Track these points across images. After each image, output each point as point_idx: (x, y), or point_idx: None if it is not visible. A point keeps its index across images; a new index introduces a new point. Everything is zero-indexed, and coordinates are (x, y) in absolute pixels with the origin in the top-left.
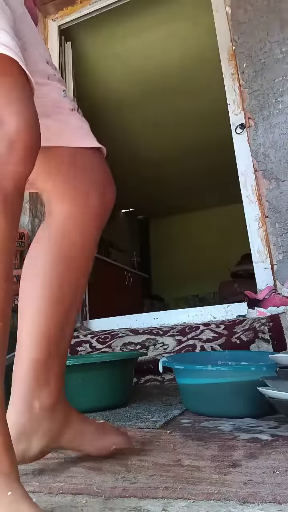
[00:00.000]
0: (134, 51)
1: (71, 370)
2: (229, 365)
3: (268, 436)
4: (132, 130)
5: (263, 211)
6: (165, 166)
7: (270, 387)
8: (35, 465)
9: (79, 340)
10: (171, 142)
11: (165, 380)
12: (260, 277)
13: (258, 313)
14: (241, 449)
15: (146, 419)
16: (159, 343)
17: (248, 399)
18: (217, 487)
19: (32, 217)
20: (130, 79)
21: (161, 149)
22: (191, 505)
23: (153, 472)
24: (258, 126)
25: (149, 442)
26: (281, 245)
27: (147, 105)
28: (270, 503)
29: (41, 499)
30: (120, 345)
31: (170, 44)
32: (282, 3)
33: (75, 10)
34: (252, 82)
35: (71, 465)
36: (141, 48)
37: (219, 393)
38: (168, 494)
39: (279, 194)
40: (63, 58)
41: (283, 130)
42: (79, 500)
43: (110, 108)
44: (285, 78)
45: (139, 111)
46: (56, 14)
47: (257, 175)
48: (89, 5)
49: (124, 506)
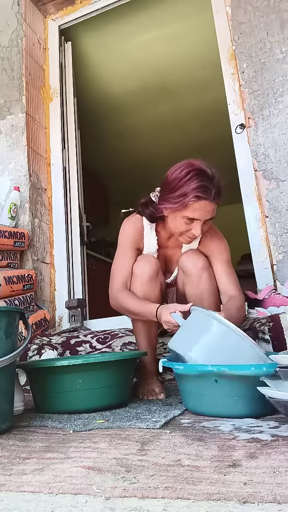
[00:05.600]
0: (135, 50)
1: (71, 370)
2: (229, 365)
3: (268, 436)
4: (132, 129)
5: (263, 211)
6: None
7: (270, 387)
8: (35, 465)
9: (79, 340)
10: (171, 141)
11: (165, 380)
12: (260, 277)
13: (258, 313)
14: (241, 449)
15: (146, 419)
16: (159, 342)
17: (248, 399)
18: (217, 487)
19: (32, 217)
20: (130, 78)
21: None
22: (191, 505)
23: (153, 472)
24: (258, 126)
25: (149, 442)
26: (281, 245)
27: (147, 104)
28: (270, 503)
29: (41, 499)
30: (120, 345)
31: (170, 44)
32: (282, 3)
33: (75, 10)
34: (252, 82)
35: (71, 465)
36: (141, 47)
37: (219, 393)
38: (168, 494)
39: (279, 194)
40: (63, 58)
41: (283, 130)
42: (79, 500)
43: (110, 108)
44: (285, 78)
45: (139, 111)
46: (56, 14)
47: (257, 175)
48: (89, 5)
49: (124, 506)
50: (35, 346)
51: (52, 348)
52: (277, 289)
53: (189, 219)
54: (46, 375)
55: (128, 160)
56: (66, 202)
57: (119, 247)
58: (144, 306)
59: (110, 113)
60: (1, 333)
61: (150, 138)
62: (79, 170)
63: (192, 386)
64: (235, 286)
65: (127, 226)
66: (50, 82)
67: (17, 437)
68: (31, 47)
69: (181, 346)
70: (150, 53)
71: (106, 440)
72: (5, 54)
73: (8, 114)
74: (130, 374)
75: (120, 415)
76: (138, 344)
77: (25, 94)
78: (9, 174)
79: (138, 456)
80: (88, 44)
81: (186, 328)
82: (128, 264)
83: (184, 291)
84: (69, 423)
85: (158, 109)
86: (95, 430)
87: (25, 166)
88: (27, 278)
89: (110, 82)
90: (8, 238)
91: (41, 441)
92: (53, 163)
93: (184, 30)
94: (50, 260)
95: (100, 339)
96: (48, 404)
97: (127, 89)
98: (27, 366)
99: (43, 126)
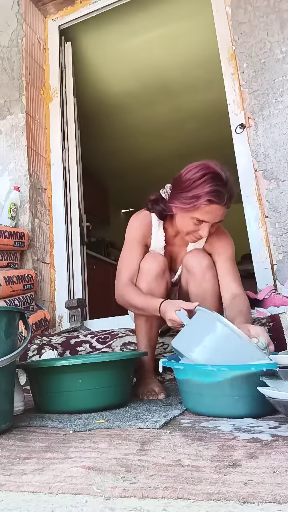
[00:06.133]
0: (134, 50)
1: (71, 370)
2: (229, 365)
3: (268, 436)
4: (132, 129)
5: (263, 211)
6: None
7: (270, 387)
8: (35, 465)
9: (79, 340)
10: (171, 141)
11: (165, 380)
12: (260, 277)
13: (258, 313)
14: (241, 449)
15: (146, 419)
16: (159, 342)
17: (248, 399)
18: (217, 487)
19: (32, 217)
20: (130, 78)
21: (162, 149)
22: (191, 505)
23: (153, 472)
24: (258, 126)
25: (149, 442)
26: (281, 245)
27: (147, 104)
28: (270, 503)
29: (41, 499)
30: (120, 345)
31: (170, 44)
32: (282, 3)
33: (75, 10)
34: (252, 82)
35: (71, 465)
36: (141, 47)
37: (219, 393)
38: (168, 494)
39: (279, 194)
40: (63, 58)
41: (283, 130)
42: (79, 500)
43: (110, 107)
44: (285, 78)
45: (139, 111)
46: (56, 14)
47: (257, 175)
48: (89, 5)
49: (124, 506)
50: (35, 346)
51: (52, 348)
52: (277, 289)
53: (198, 221)
54: (46, 375)
55: (128, 160)
56: (66, 202)
57: (126, 242)
58: (149, 300)
59: (110, 113)
60: (1, 333)
61: (150, 138)
62: (79, 170)
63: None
64: (238, 284)
65: (135, 222)
66: (50, 82)
67: (17, 437)
68: (31, 47)
69: (184, 346)
70: (150, 53)
71: (106, 440)
72: (5, 54)
73: (8, 114)
74: (130, 374)
75: (120, 415)
76: (138, 342)
77: (25, 94)
78: (9, 174)
79: (138, 456)
80: (88, 44)
81: (191, 328)
82: (135, 260)
83: (187, 290)
84: (69, 423)
85: (158, 109)
86: (95, 430)
87: (25, 166)
88: (27, 278)
89: (110, 82)
90: (8, 238)
91: (41, 441)
92: (53, 163)
93: (184, 30)
94: (50, 260)
95: (100, 339)
96: (48, 404)
97: (127, 89)
98: (27, 366)
99: (43, 126)
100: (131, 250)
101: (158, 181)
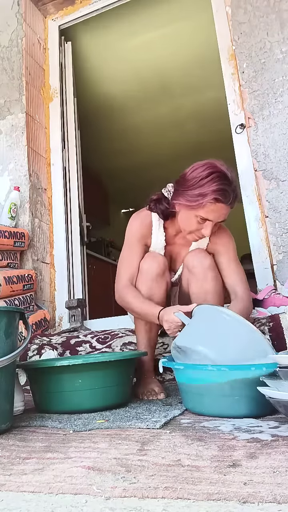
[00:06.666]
0: (134, 50)
1: (71, 370)
2: (229, 365)
3: (268, 436)
4: (132, 129)
5: (263, 211)
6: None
7: (270, 387)
8: (35, 465)
9: (79, 340)
10: (171, 141)
11: (165, 380)
12: (260, 277)
13: (258, 313)
14: (241, 449)
15: (146, 419)
16: (159, 342)
17: (248, 399)
18: (217, 487)
19: (32, 217)
20: (130, 78)
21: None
22: (191, 505)
23: (153, 472)
24: (258, 126)
25: (149, 442)
26: (281, 245)
27: (147, 105)
28: (270, 503)
29: (41, 499)
30: (120, 345)
31: (170, 44)
32: (282, 3)
33: (75, 10)
34: (252, 82)
35: (71, 465)
36: (141, 47)
37: (219, 393)
38: (168, 494)
39: (279, 194)
40: (63, 58)
41: (283, 130)
42: (79, 500)
43: (110, 107)
44: (285, 78)
45: (139, 111)
46: (56, 14)
47: (257, 175)
48: (89, 5)
49: (124, 506)
50: (35, 346)
51: (52, 348)
52: (277, 289)
53: (202, 219)
54: (46, 375)
55: (128, 160)
56: (66, 202)
57: (126, 242)
58: (147, 308)
59: (110, 113)
60: (1, 333)
61: (150, 138)
62: (79, 170)
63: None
64: (243, 284)
65: (136, 222)
66: (50, 82)
67: (17, 437)
68: (31, 47)
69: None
70: (150, 53)
71: (106, 440)
72: (5, 54)
73: (8, 114)
74: (130, 374)
75: (120, 415)
76: (138, 342)
77: (25, 94)
78: (9, 174)
79: (138, 456)
80: (88, 44)
81: (194, 325)
82: (135, 260)
83: (188, 290)
84: (69, 423)
85: (158, 109)
86: (95, 430)
87: (25, 166)
88: (27, 278)
89: (110, 82)
90: (8, 238)
91: (41, 441)
92: (53, 163)
93: (184, 30)
94: (50, 260)
95: (100, 339)
96: (48, 404)
97: (127, 89)
98: (27, 366)
99: (43, 126)
100: (131, 250)
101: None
